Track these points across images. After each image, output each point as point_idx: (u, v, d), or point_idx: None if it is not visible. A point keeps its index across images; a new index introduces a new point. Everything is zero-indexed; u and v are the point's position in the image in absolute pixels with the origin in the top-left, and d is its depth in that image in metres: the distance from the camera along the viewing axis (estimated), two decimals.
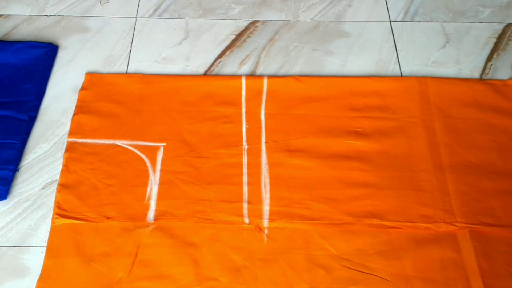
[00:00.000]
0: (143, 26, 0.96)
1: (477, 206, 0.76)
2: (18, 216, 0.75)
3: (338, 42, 0.96)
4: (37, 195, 0.77)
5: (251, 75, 0.90)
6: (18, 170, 0.79)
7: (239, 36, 0.96)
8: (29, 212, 0.75)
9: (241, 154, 0.80)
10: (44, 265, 0.70)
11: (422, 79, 0.88)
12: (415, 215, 0.75)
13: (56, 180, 0.77)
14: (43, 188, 0.77)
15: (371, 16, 1.00)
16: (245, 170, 0.78)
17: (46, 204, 0.76)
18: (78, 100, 0.85)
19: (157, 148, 0.80)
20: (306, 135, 0.82)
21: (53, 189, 0.77)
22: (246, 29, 0.97)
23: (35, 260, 0.71)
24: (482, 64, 0.93)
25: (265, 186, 0.77)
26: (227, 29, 0.97)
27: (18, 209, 0.76)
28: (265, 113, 0.84)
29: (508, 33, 0.97)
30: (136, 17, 0.98)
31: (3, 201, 0.76)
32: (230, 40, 0.96)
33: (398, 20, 0.99)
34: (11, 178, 0.77)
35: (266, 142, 0.81)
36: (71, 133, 0.82)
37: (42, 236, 0.73)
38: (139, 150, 0.80)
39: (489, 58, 0.93)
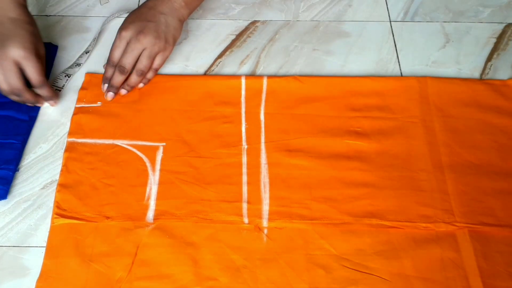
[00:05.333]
0: None
1: (477, 206, 0.75)
2: (18, 216, 0.75)
3: (338, 42, 0.96)
4: (37, 195, 0.76)
5: (251, 75, 0.90)
6: (18, 170, 0.79)
7: (239, 36, 0.96)
8: (29, 212, 0.75)
9: (241, 154, 0.80)
10: (44, 265, 0.70)
11: (422, 79, 0.88)
12: (415, 215, 0.74)
13: (56, 180, 0.77)
14: (43, 188, 0.77)
15: (371, 16, 1.00)
16: (244, 170, 0.78)
17: (46, 204, 0.76)
18: (78, 100, 0.85)
19: (157, 148, 0.80)
20: (306, 135, 0.82)
21: (53, 189, 0.76)
22: (246, 29, 0.97)
23: (35, 260, 0.71)
24: (482, 64, 0.92)
25: (264, 186, 0.77)
26: (227, 29, 0.97)
27: (18, 209, 0.75)
28: (265, 113, 0.84)
29: (508, 33, 0.97)
30: None
31: (3, 201, 0.76)
32: (230, 40, 0.96)
33: (398, 20, 0.99)
34: (11, 178, 0.77)
35: (265, 142, 0.81)
36: (70, 133, 0.82)
37: (42, 236, 0.73)
38: (138, 150, 0.80)
39: (489, 58, 0.93)
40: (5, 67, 0.77)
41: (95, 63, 0.91)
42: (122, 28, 0.83)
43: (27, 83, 0.80)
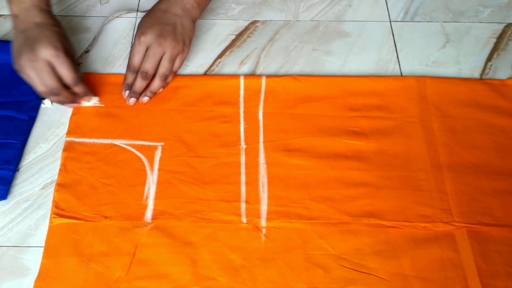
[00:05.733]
0: None
1: (475, 205, 0.75)
2: (18, 216, 0.75)
3: (338, 42, 0.95)
4: (37, 195, 0.77)
5: (251, 75, 0.90)
6: (18, 170, 0.79)
7: (239, 36, 0.96)
8: (29, 212, 0.75)
9: (239, 154, 0.80)
10: (42, 264, 0.70)
11: (421, 79, 0.88)
12: (413, 214, 0.74)
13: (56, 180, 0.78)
14: (43, 188, 0.77)
15: (371, 16, 1.00)
16: (243, 169, 0.78)
17: (46, 204, 0.76)
18: None
19: (155, 147, 0.80)
20: (304, 134, 0.82)
21: (53, 189, 0.77)
22: (246, 29, 0.97)
23: (35, 260, 0.71)
24: (482, 64, 0.92)
25: (263, 186, 0.77)
26: (227, 29, 0.97)
27: (18, 209, 0.76)
28: (263, 113, 0.84)
29: (508, 33, 0.96)
30: (136, 17, 0.98)
31: (3, 201, 0.76)
32: (230, 40, 0.96)
33: (398, 20, 0.99)
34: (11, 178, 0.77)
35: (264, 142, 0.81)
36: (69, 133, 0.82)
37: (42, 236, 0.73)
38: (137, 150, 0.80)
39: (489, 58, 0.93)
40: (38, 68, 0.76)
41: (95, 62, 0.91)
42: (140, 33, 0.82)
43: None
